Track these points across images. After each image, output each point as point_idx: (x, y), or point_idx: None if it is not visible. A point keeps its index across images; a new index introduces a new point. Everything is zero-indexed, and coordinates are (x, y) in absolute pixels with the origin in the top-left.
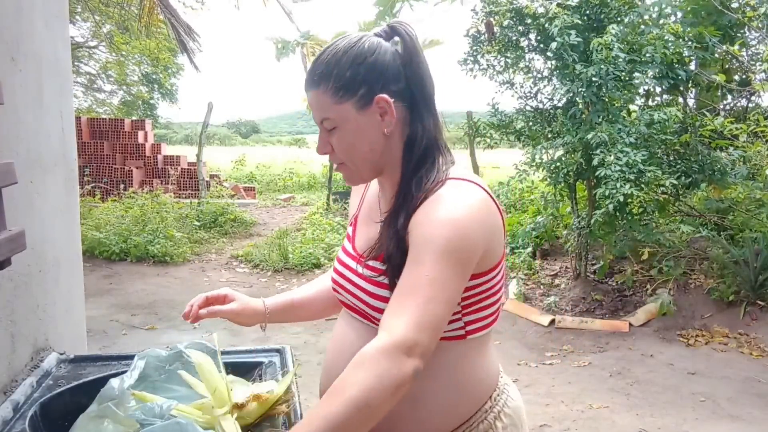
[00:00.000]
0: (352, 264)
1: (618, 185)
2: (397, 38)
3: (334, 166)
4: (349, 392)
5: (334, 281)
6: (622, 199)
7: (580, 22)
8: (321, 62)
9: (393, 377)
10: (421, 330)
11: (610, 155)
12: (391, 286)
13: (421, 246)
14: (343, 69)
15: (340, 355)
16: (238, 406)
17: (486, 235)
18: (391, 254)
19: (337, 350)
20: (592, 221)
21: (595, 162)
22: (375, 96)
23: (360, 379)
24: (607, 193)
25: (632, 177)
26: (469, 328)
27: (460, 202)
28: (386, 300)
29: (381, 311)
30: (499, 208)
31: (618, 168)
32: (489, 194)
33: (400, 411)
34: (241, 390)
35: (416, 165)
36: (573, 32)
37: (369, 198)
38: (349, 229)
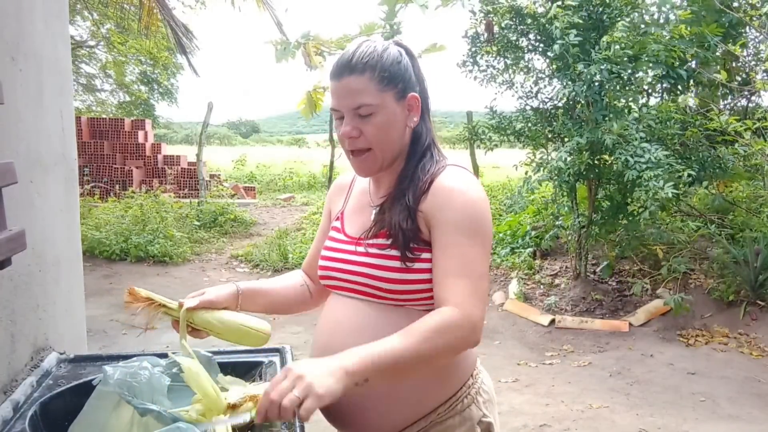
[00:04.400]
0: (349, 248)
1: (651, 184)
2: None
3: (349, 155)
4: (423, 345)
5: (327, 269)
6: (664, 202)
7: (581, 21)
8: (363, 53)
9: (461, 347)
10: (481, 306)
11: (627, 154)
12: (402, 256)
13: (452, 230)
14: (387, 63)
15: (334, 333)
16: (232, 407)
17: (490, 214)
18: (402, 226)
19: (330, 329)
20: (642, 225)
21: (618, 166)
22: (409, 93)
23: (438, 341)
24: (644, 196)
25: (660, 172)
26: None
27: (471, 184)
28: (395, 270)
29: (389, 280)
30: None
31: (644, 167)
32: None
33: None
34: (237, 390)
35: (420, 156)
36: (573, 32)
37: (356, 194)
38: (336, 223)
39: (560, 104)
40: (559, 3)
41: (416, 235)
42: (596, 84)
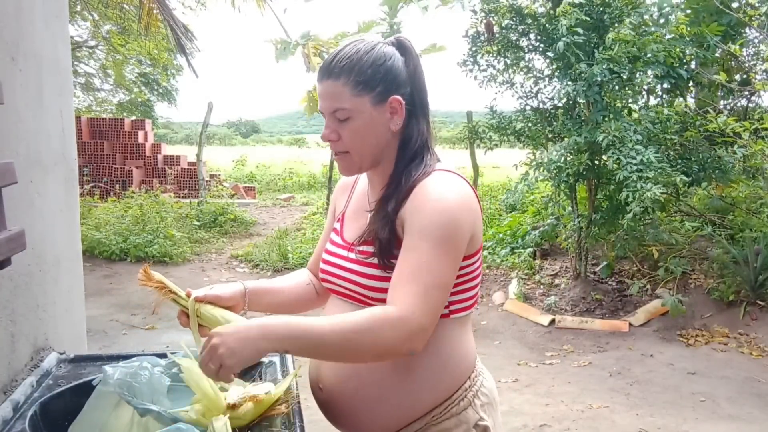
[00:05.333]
0: (343, 253)
1: (638, 186)
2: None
3: (333, 155)
4: (347, 336)
5: (325, 272)
6: (650, 204)
7: (589, 19)
8: (343, 57)
9: (390, 350)
10: (426, 315)
11: (621, 155)
12: (381, 264)
13: (417, 234)
14: (365, 66)
15: None
16: (232, 407)
17: (472, 221)
18: (380, 234)
19: None
20: (625, 225)
21: (610, 165)
22: (390, 96)
23: (365, 338)
24: (630, 197)
25: (650, 175)
26: (452, 307)
27: (450, 191)
28: (377, 278)
29: (372, 288)
30: (477, 199)
31: (634, 168)
32: (469, 185)
33: (392, 381)
34: (236, 391)
35: (408, 161)
36: (580, 30)
37: (357, 195)
38: (337, 225)
39: (560, 104)
40: (569, 0)
41: (394, 244)
42: (597, 84)
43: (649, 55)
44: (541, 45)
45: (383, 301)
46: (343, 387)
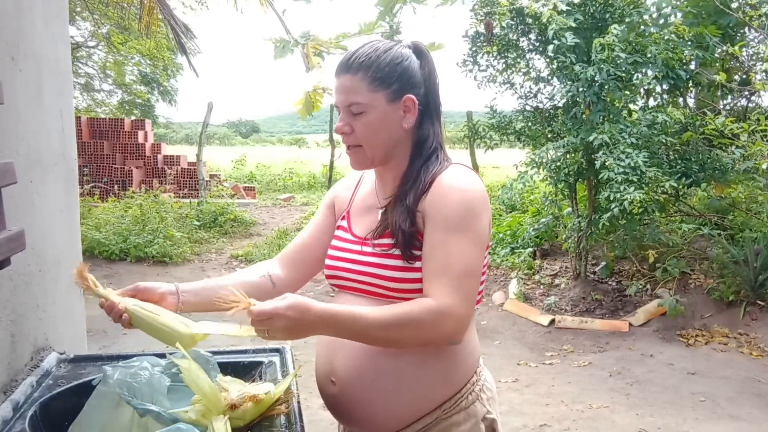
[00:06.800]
0: (356, 248)
1: (622, 188)
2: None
3: (345, 149)
4: (395, 327)
5: (334, 268)
6: (627, 204)
7: (574, 24)
8: (361, 54)
9: (432, 341)
10: (462, 303)
11: (611, 157)
12: (404, 255)
13: (442, 225)
14: (382, 64)
15: None
16: (232, 407)
17: (488, 213)
18: (402, 227)
19: None
20: (600, 226)
21: (597, 165)
22: (404, 94)
23: (406, 331)
24: (611, 197)
25: (635, 179)
26: None
27: (469, 183)
28: (399, 269)
29: (394, 279)
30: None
31: (621, 170)
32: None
33: (407, 372)
34: (237, 390)
35: (425, 159)
36: (569, 34)
37: (362, 194)
38: (343, 223)
39: (560, 104)
40: (551, 7)
41: (415, 236)
42: (596, 85)
43: (649, 56)
44: (541, 45)
45: (405, 292)
46: (360, 378)
